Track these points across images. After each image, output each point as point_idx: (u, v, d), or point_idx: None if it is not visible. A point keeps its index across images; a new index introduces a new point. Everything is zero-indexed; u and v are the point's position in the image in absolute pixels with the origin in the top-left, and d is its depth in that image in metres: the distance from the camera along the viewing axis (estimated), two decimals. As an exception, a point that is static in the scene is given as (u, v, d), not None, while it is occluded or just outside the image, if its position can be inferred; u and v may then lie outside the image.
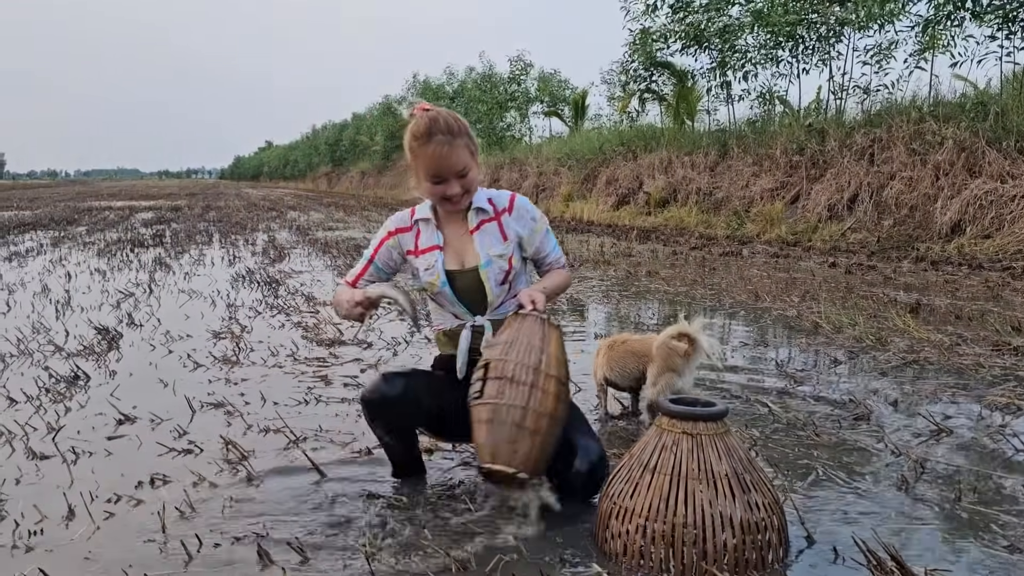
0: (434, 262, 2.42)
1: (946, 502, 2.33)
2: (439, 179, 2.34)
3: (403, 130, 2.41)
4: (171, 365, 4.06)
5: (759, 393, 3.52)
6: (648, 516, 1.95)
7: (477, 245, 2.43)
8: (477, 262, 2.43)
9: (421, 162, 2.34)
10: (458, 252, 2.45)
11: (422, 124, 2.32)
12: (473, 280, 2.43)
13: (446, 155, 2.31)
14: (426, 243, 2.46)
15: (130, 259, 9.03)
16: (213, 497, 2.40)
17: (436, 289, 2.43)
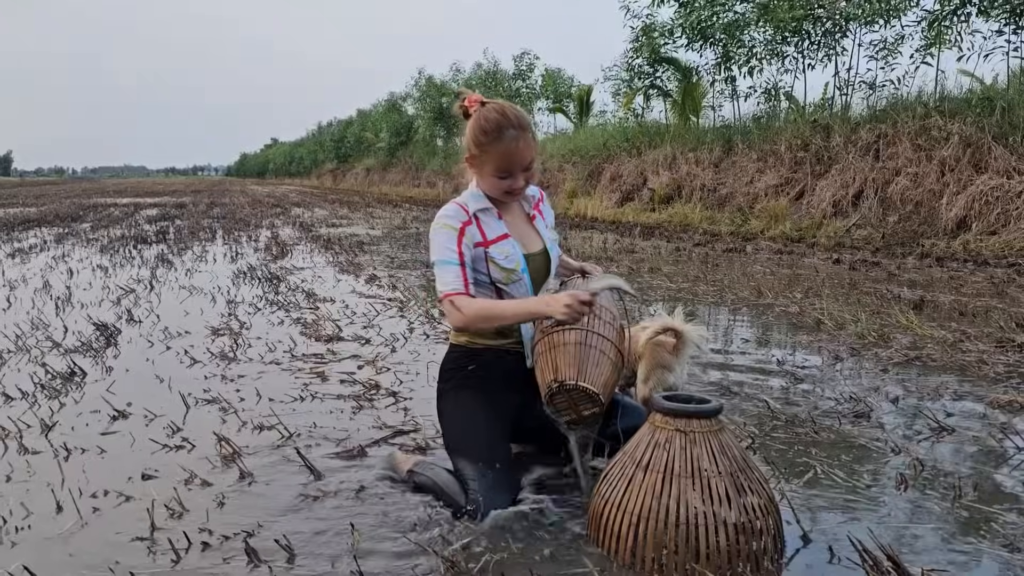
0: (511, 250, 2.38)
1: (945, 501, 2.30)
2: (507, 174, 2.32)
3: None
4: (168, 361, 4.05)
5: (759, 390, 3.49)
6: (640, 514, 1.92)
7: (540, 229, 2.51)
8: (542, 244, 2.48)
9: (491, 157, 2.30)
10: (520, 237, 2.45)
11: (492, 118, 2.28)
12: (542, 263, 2.47)
13: (518, 151, 2.29)
14: (495, 233, 2.38)
15: (132, 256, 9.03)
16: (204, 495, 2.38)
17: (515, 278, 2.38)
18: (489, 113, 2.30)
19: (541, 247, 2.50)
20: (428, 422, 3.03)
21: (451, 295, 2.29)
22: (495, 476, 2.20)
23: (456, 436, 2.37)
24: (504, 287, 2.40)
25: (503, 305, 2.29)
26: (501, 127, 2.27)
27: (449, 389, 2.48)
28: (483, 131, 2.29)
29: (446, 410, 2.46)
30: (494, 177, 2.33)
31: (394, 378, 3.69)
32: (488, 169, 2.33)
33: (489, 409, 2.38)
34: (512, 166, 2.31)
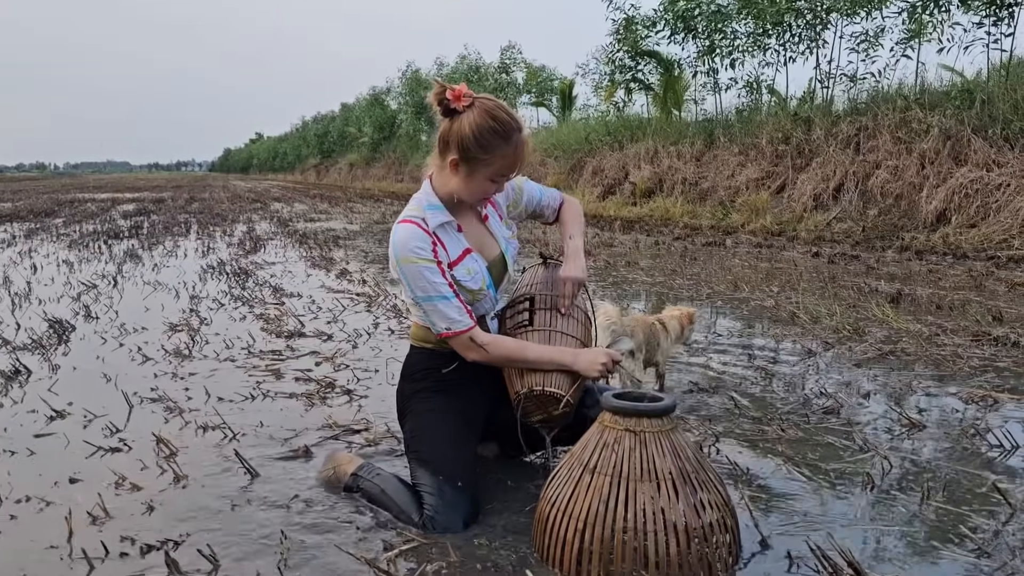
0: (475, 267, 2.23)
1: (913, 502, 2.19)
2: (505, 178, 2.17)
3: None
4: (119, 359, 3.90)
5: (727, 385, 3.38)
6: (586, 520, 1.80)
7: (494, 231, 2.34)
8: (498, 249, 2.33)
9: (495, 160, 2.10)
10: (477, 245, 2.29)
11: (502, 119, 2.09)
12: (500, 268, 2.33)
13: (522, 155, 2.14)
14: (456, 251, 2.20)
15: (101, 251, 8.83)
16: (132, 500, 2.24)
17: (480, 296, 2.24)
18: (498, 112, 2.10)
19: (497, 251, 2.34)
20: (380, 420, 2.90)
21: (465, 332, 2.15)
22: (454, 494, 2.06)
23: (420, 443, 2.21)
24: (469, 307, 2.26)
25: (535, 352, 2.17)
26: (511, 129, 2.10)
27: (420, 390, 2.30)
28: (493, 131, 2.08)
29: (413, 413, 2.29)
30: (488, 181, 2.15)
31: (351, 375, 3.56)
32: (486, 172, 2.13)
33: (460, 419, 2.25)
34: (512, 169, 2.16)
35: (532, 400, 2.18)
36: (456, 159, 2.12)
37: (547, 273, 2.38)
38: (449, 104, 2.10)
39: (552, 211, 2.50)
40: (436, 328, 2.17)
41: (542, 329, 2.24)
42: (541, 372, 2.16)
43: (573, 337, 2.25)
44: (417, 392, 2.30)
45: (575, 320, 2.30)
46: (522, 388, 2.17)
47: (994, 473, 2.39)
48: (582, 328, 2.31)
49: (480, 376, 2.30)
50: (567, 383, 2.16)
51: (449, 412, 2.24)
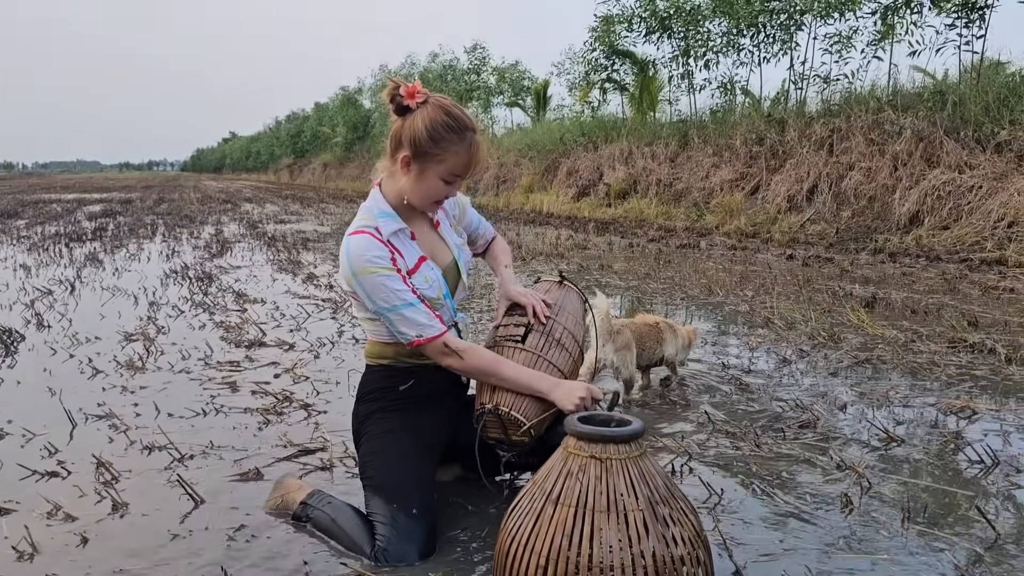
0: (433, 276, 2.12)
1: (893, 523, 2.09)
2: (457, 178, 2.07)
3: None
4: (67, 372, 3.72)
5: (701, 397, 3.27)
6: (548, 555, 1.67)
7: (446, 237, 2.25)
8: (451, 255, 2.24)
9: (448, 158, 2.02)
10: (430, 252, 2.18)
11: (457, 115, 2.02)
12: (454, 275, 2.23)
13: (475, 154, 2.05)
14: (413, 259, 2.10)
15: (61, 254, 8.58)
16: (65, 532, 2.08)
17: (439, 304, 2.12)
18: (451, 108, 2.03)
19: (451, 258, 2.25)
20: (339, 439, 2.76)
21: (437, 337, 2.03)
22: (408, 524, 1.92)
23: (374, 468, 2.08)
24: None
25: (512, 370, 2.06)
26: (464, 126, 2.03)
27: (375, 411, 2.18)
28: (447, 127, 2.00)
29: (368, 435, 2.17)
30: (439, 180, 2.05)
31: (311, 388, 3.41)
32: (438, 171, 2.04)
33: (418, 440, 2.12)
34: (466, 170, 2.07)
35: (495, 417, 2.07)
36: (408, 156, 2.04)
37: (559, 294, 2.30)
38: (402, 101, 2.03)
39: (484, 242, 2.48)
40: (406, 338, 2.04)
41: (530, 351, 2.13)
42: (514, 393, 2.05)
43: (558, 369, 2.14)
44: (372, 413, 2.17)
45: (566, 352, 2.19)
46: (488, 403, 2.06)
47: (975, 491, 2.30)
48: (571, 362, 2.21)
49: (440, 394, 2.18)
50: (535, 411, 2.06)
51: (405, 433, 2.11)
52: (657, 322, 3.40)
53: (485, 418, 2.07)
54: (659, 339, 3.37)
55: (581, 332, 2.32)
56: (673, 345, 3.41)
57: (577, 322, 2.30)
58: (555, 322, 2.21)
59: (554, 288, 2.34)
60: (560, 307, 2.27)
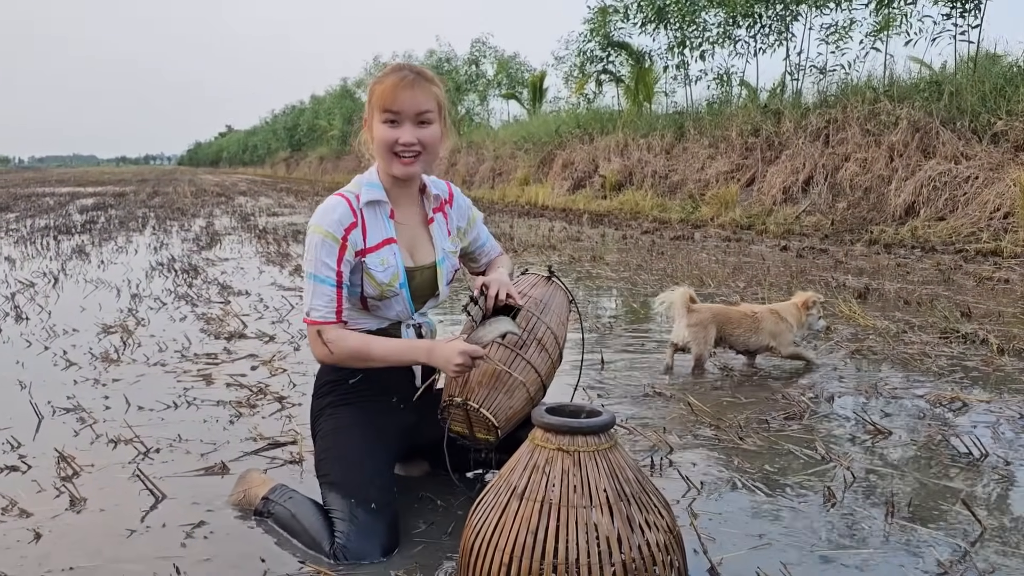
0: (391, 260, 2.04)
1: (876, 519, 2.02)
2: (393, 117, 1.98)
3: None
4: (41, 364, 3.64)
5: (685, 389, 3.20)
6: (512, 552, 1.60)
7: (434, 237, 2.16)
8: (433, 257, 2.14)
9: (376, 96, 1.99)
10: (409, 244, 2.11)
11: (393, 65, 2.05)
12: (428, 279, 2.13)
13: (407, 87, 1.97)
14: (376, 237, 2.03)
15: (49, 247, 8.50)
16: (18, 528, 2.00)
17: (390, 292, 2.04)
18: (403, 62, 2.06)
19: (431, 259, 2.15)
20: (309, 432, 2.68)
21: (319, 324, 1.97)
22: (367, 519, 1.84)
23: (328, 464, 2.00)
24: (375, 302, 2.07)
25: (381, 347, 2.00)
26: (399, 67, 2.02)
27: (326, 406, 2.12)
28: (387, 69, 2.05)
29: (320, 432, 2.11)
30: (380, 123, 2.00)
31: (287, 380, 3.33)
32: (377, 115, 2.00)
33: (370, 432, 2.04)
34: (399, 104, 1.97)
35: (462, 411, 1.99)
36: (366, 118, 2.08)
37: (545, 291, 2.19)
38: None
39: (488, 260, 2.39)
40: (303, 307, 2.02)
41: (508, 347, 2.03)
42: (487, 388, 1.96)
43: (535, 370, 2.04)
44: (324, 408, 2.10)
45: (546, 353, 2.09)
46: (458, 396, 1.98)
47: (962, 484, 2.22)
48: (549, 364, 2.10)
49: (394, 388, 2.11)
50: (505, 409, 1.97)
51: (358, 427, 2.03)
52: (756, 312, 3.46)
53: (451, 411, 2.00)
54: (754, 328, 3.43)
55: (563, 334, 2.20)
56: (774, 334, 3.42)
57: (561, 323, 2.19)
58: (539, 320, 2.11)
59: (541, 284, 2.23)
60: (545, 305, 2.16)
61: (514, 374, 2.00)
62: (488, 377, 1.98)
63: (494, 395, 1.97)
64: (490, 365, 1.99)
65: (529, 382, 2.03)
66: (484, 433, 1.98)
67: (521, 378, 2.01)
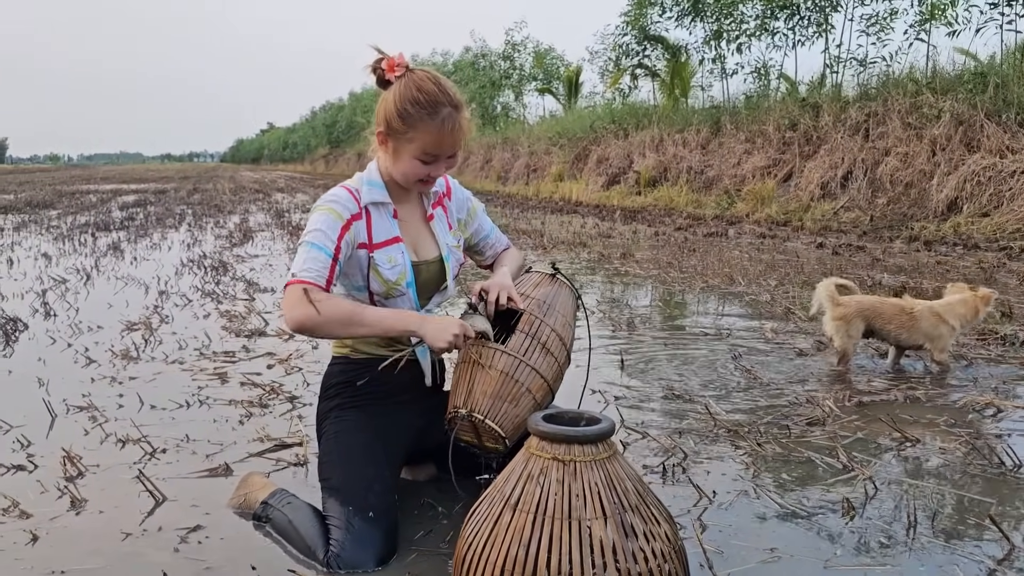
0: (399, 258, 2.00)
1: (897, 533, 1.91)
2: (433, 158, 1.94)
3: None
4: (62, 361, 3.66)
5: (705, 390, 3.10)
6: (503, 566, 1.54)
7: (436, 233, 2.11)
8: (437, 252, 2.10)
9: (418, 135, 1.90)
10: (413, 241, 2.07)
11: (428, 89, 1.89)
12: (435, 273, 2.09)
13: (450, 132, 1.91)
14: (383, 235, 2.00)
15: (85, 243, 8.62)
16: (16, 529, 1.99)
17: (397, 291, 2.00)
18: (423, 83, 1.91)
19: (436, 255, 2.11)
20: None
21: (306, 283, 1.84)
22: (363, 527, 1.79)
23: (329, 468, 1.97)
24: (382, 301, 2.02)
25: (373, 313, 1.90)
26: (437, 102, 1.90)
27: (332, 408, 2.08)
28: (415, 102, 1.89)
29: (324, 436, 2.07)
30: (415, 160, 1.94)
31: (301, 380, 3.31)
32: (410, 149, 1.93)
33: (374, 438, 1.99)
34: (442, 149, 1.93)
35: (468, 423, 1.92)
36: (383, 132, 1.97)
37: (549, 290, 2.09)
38: (384, 75, 1.94)
39: (494, 254, 2.32)
40: (290, 272, 1.90)
41: (511, 354, 1.93)
42: (491, 399, 1.89)
43: (541, 376, 1.95)
44: (330, 411, 2.05)
45: (551, 357, 1.99)
46: (463, 407, 1.91)
47: (992, 497, 2.11)
48: (555, 368, 2.01)
49: (402, 391, 2.05)
50: (511, 419, 1.90)
51: (363, 433, 1.98)
52: (913, 308, 3.30)
53: (457, 422, 1.94)
54: (908, 325, 3.28)
55: (570, 335, 2.10)
56: (931, 336, 3.27)
57: (567, 323, 2.09)
58: (542, 324, 2.01)
59: (545, 282, 2.12)
60: (550, 306, 2.06)
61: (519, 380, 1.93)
62: (492, 386, 1.91)
63: (499, 404, 1.90)
64: (494, 374, 1.92)
65: (535, 389, 1.95)
66: (493, 443, 1.92)
67: (527, 385, 1.94)
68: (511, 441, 1.91)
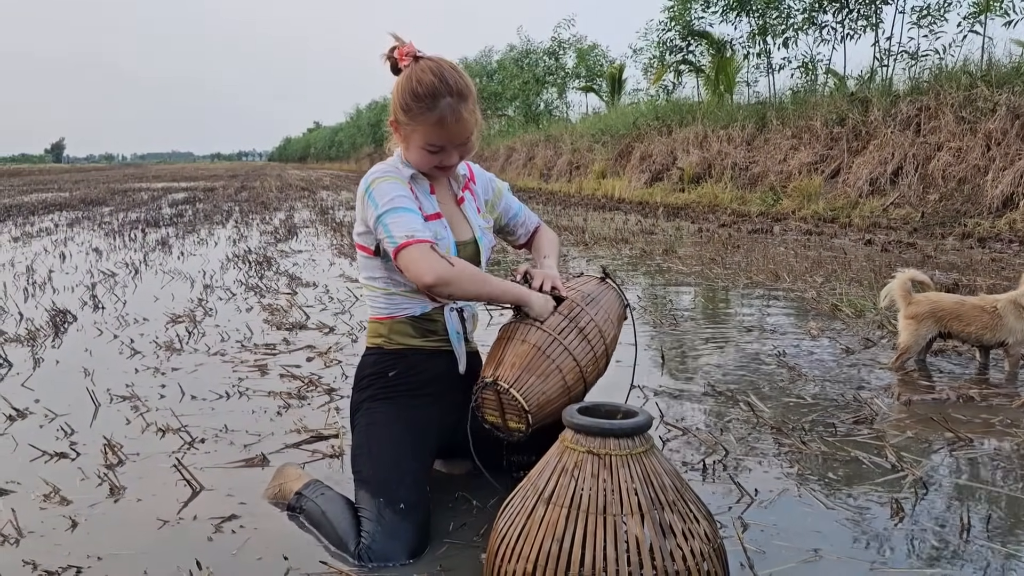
0: (445, 235, 1.99)
1: (948, 536, 1.83)
2: (438, 148, 1.93)
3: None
4: (107, 352, 3.72)
5: (748, 388, 3.03)
6: (536, 561, 1.50)
7: (468, 215, 2.11)
8: (471, 234, 2.09)
9: (420, 127, 1.91)
10: (452, 222, 2.06)
11: (426, 81, 1.87)
12: (470, 254, 2.07)
13: (454, 123, 1.89)
14: (428, 208, 2.00)
15: (135, 239, 8.80)
16: (56, 516, 2.01)
17: None
18: (423, 74, 1.89)
19: (470, 235, 2.10)
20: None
21: (425, 241, 1.83)
22: (395, 519, 1.77)
23: (361, 461, 1.95)
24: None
25: (493, 280, 1.93)
26: (436, 93, 1.87)
27: (365, 400, 2.06)
28: (414, 95, 1.89)
29: (357, 427, 2.05)
30: (422, 149, 1.95)
31: (340, 372, 3.31)
32: (416, 140, 1.94)
33: (406, 430, 1.97)
34: (445, 140, 1.92)
35: (493, 395, 1.87)
36: (392, 120, 1.99)
37: (596, 288, 2.12)
38: (396, 63, 1.93)
39: (526, 232, 2.32)
40: (394, 241, 1.84)
41: (546, 331, 1.92)
42: (519, 369, 1.85)
43: (573, 357, 1.92)
44: (363, 402, 2.04)
45: (587, 344, 1.97)
46: (489, 376, 1.87)
47: (1051, 501, 2.01)
48: (591, 357, 1.98)
49: (435, 382, 2.03)
50: (538, 394, 1.85)
51: (394, 424, 1.96)
52: (996, 305, 3.13)
53: (482, 395, 1.89)
54: (991, 324, 3.12)
55: (612, 333, 2.07)
56: (1014, 327, 3.11)
57: (609, 320, 2.07)
58: (583, 311, 2.00)
59: (594, 283, 2.15)
60: (593, 299, 2.06)
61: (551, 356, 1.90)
62: (522, 359, 1.87)
63: (526, 376, 1.85)
64: (526, 347, 1.89)
65: (566, 370, 1.91)
66: (516, 421, 1.86)
67: (557, 363, 1.90)
68: (535, 419, 1.85)
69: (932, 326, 3.20)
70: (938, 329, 3.21)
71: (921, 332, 3.20)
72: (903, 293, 3.25)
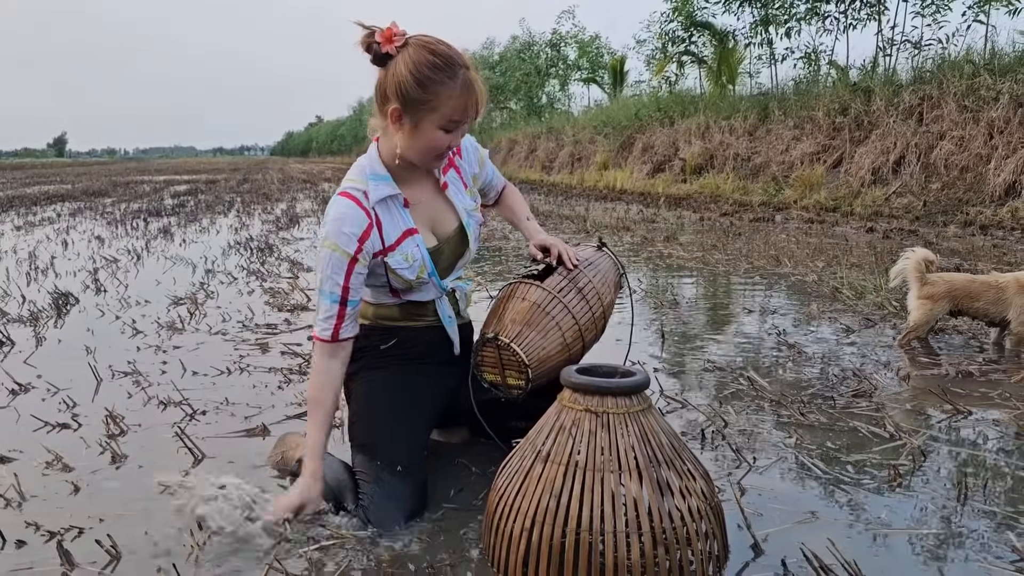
0: (415, 254, 1.91)
1: (946, 503, 1.84)
2: (457, 124, 1.81)
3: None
4: (109, 332, 3.73)
5: (749, 364, 3.03)
6: (534, 517, 1.52)
7: (454, 201, 2.02)
8: (456, 222, 2.02)
9: (442, 102, 1.76)
10: (429, 221, 1.98)
11: (442, 52, 1.77)
12: (455, 244, 2.02)
13: (477, 95, 1.80)
14: (394, 233, 1.89)
15: (137, 227, 8.81)
16: (58, 481, 2.03)
17: (419, 283, 1.95)
18: (436, 45, 1.78)
19: (455, 224, 2.03)
20: (352, 398, 2.65)
21: (316, 338, 1.88)
22: (393, 481, 1.78)
23: (358, 427, 1.96)
24: (408, 295, 1.99)
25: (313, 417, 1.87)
26: (456, 64, 1.77)
27: (359, 371, 2.04)
28: (433, 66, 1.75)
29: (353, 396, 2.05)
30: (439, 130, 1.81)
31: (341, 350, 3.32)
32: (434, 119, 1.79)
33: (402, 396, 1.98)
34: (467, 112, 1.81)
35: (493, 350, 1.88)
36: (398, 108, 1.78)
37: (593, 254, 2.15)
38: (380, 49, 1.78)
39: (496, 192, 2.28)
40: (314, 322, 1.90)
41: (546, 289, 1.93)
42: (521, 324, 1.87)
43: (571, 315, 1.93)
44: (356, 373, 2.03)
45: (586, 303, 1.98)
46: (489, 331, 1.88)
47: (1049, 468, 2.02)
48: (589, 317, 1.99)
49: (429, 354, 2.03)
50: (538, 349, 1.85)
51: (388, 390, 1.97)
52: (1000, 282, 3.17)
53: (482, 352, 1.90)
54: (995, 298, 3.15)
55: (608, 296, 2.10)
56: (1016, 303, 3.11)
57: (606, 283, 2.10)
58: (581, 273, 2.02)
59: (591, 250, 2.18)
60: (591, 263, 2.09)
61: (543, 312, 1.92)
62: (522, 315, 1.89)
63: (527, 332, 1.86)
64: (526, 304, 1.90)
65: (565, 328, 1.92)
66: (515, 378, 1.86)
67: (557, 320, 1.91)
68: (534, 375, 1.85)
69: (947, 306, 3.21)
70: (950, 307, 3.22)
71: (936, 311, 3.21)
72: (917, 274, 3.25)
